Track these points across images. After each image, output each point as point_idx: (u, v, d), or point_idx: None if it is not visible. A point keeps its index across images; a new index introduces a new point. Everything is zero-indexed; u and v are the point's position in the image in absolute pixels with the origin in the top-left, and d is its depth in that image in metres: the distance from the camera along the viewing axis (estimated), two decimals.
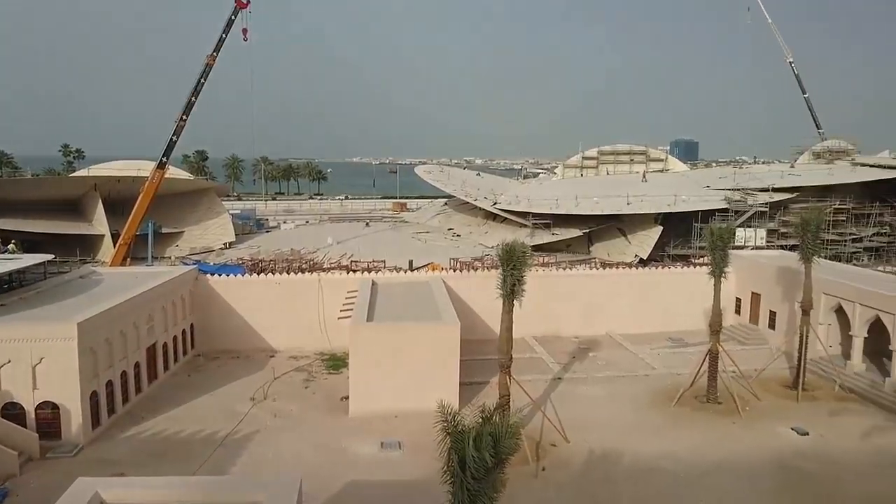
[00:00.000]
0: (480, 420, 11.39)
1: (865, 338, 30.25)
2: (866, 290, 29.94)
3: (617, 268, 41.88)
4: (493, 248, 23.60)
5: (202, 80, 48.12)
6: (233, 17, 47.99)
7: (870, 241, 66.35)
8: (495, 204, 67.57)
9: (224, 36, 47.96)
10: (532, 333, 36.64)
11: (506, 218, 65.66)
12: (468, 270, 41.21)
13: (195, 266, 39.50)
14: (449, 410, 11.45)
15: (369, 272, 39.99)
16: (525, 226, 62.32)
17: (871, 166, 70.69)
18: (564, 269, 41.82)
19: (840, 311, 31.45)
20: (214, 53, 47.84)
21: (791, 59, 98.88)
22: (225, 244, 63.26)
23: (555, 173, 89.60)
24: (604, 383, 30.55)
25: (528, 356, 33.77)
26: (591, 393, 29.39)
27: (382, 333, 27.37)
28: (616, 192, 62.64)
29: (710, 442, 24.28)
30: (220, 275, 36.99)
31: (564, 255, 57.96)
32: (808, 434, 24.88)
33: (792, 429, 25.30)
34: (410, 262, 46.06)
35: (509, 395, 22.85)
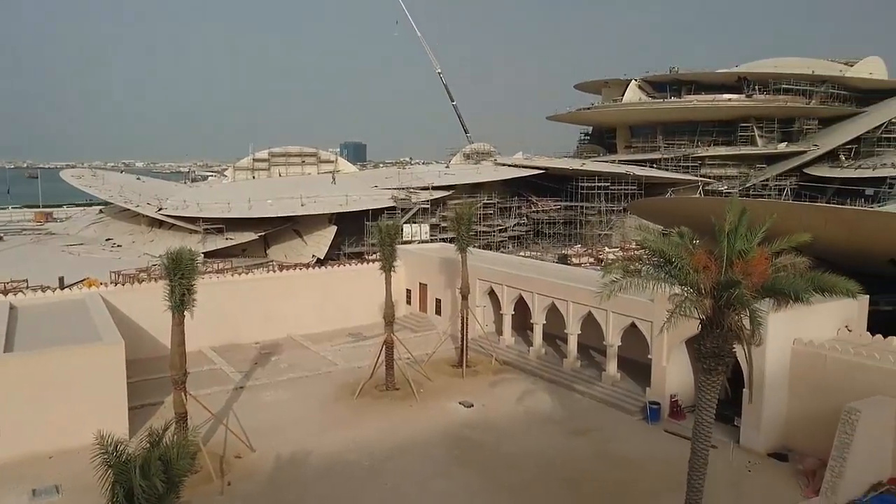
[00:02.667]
0: (148, 445, 10.36)
1: (513, 315, 34.79)
2: (511, 274, 34.48)
3: (295, 269, 41.90)
4: (160, 257, 21.75)
5: None
6: None
7: (513, 230, 76.66)
8: (160, 210, 62.82)
9: None
10: (209, 344, 34.84)
11: (174, 224, 61.45)
12: (133, 283, 37.61)
13: None
14: (108, 440, 10.19)
15: (5, 294, 34.13)
16: (196, 231, 59.00)
17: (510, 165, 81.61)
18: (240, 274, 40.59)
19: (492, 294, 35.63)
20: None
21: (440, 70, 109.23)
22: None
23: (225, 176, 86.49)
24: (288, 386, 30.34)
25: (206, 369, 32.02)
26: (275, 397, 28.95)
27: (26, 364, 23.47)
28: (290, 194, 62.69)
29: (391, 427, 25.58)
30: None
31: (240, 259, 56.30)
32: (472, 406, 27.70)
33: (459, 403, 27.95)
34: (61, 280, 40.38)
35: (186, 413, 21.34)
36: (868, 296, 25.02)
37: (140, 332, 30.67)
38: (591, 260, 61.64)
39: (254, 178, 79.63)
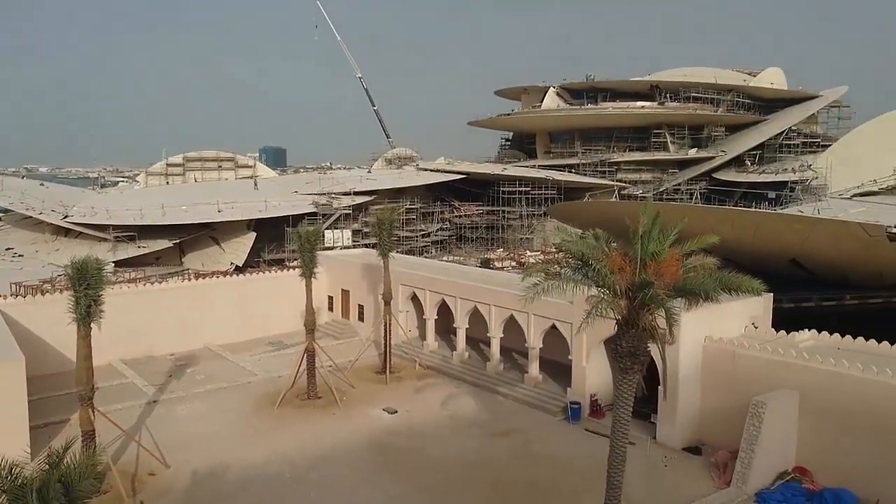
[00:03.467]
0: (47, 466, 9.71)
1: (436, 319, 34.80)
2: (433, 279, 34.51)
3: (212, 277, 40.61)
4: (64, 267, 20.61)
5: None
6: None
7: (436, 235, 76.91)
8: (66, 217, 59.71)
9: None
10: (121, 357, 33.33)
11: (81, 232, 58.51)
12: (35, 295, 35.52)
13: None
14: (2, 462, 9.50)
15: None
16: (105, 240, 56.39)
17: (432, 170, 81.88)
18: (154, 283, 39.03)
19: (415, 299, 35.55)
20: None
21: (359, 75, 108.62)
22: None
23: (137, 181, 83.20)
24: (205, 398, 29.30)
25: (116, 383, 30.55)
26: (191, 410, 27.90)
27: None
28: (206, 200, 60.85)
29: (313, 436, 25.07)
30: None
31: (154, 268, 54.14)
32: (396, 412, 27.50)
33: (383, 409, 27.70)
34: None
35: (93, 430, 20.28)
36: (772, 294, 26.32)
37: (44, 347, 29.00)
38: (513, 263, 62.61)
39: (167, 183, 76.90)
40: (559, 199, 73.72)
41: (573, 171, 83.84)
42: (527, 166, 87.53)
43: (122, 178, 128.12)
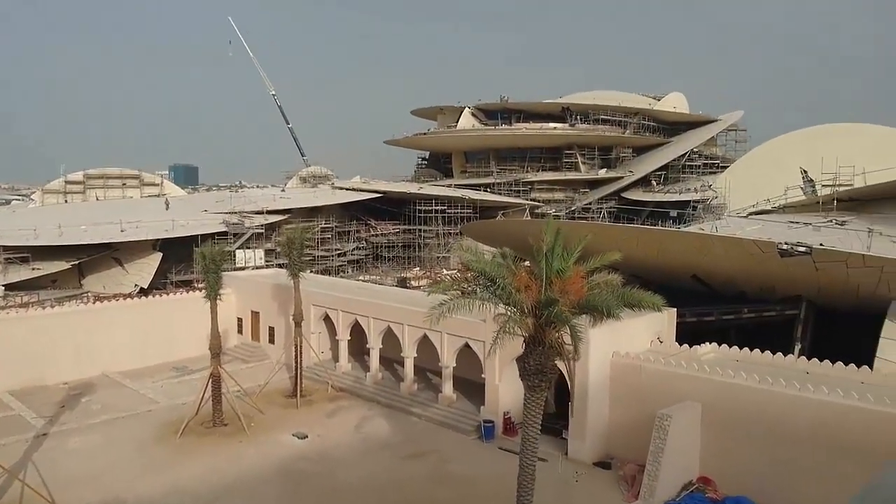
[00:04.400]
0: None
1: (350, 340, 34.16)
2: (345, 298, 33.91)
3: (113, 300, 38.53)
4: None
5: None
6: None
7: (352, 254, 76.04)
8: None
9: None
10: (7, 388, 31.07)
11: None
12: None
13: None
14: None
15: None
16: None
17: (347, 189, 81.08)
18: (47, 307, 36.67)
19: (328, 319, 34.81)
20: None
21: (273, 92, 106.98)
22: None
23: (32, 199, 78.54)
24: (101, 429, 27.55)
25: (1, 416, 28.40)
26: (85, 443, 26.14)
27: None
28: (109, 219, 57.99)
29: (219, 465, 23.95)
30: None
31: (50, 291, 50.96)
32: (306, 437, 26.67)
33: (293, 435, 26.81)
34: None
35: None
36: (675, 309, 27.19)
37: None
38: (430, 282, 62.51)
39: (66, 201, 72.90)
40: (475, 218, 74.35)
41: (488, 190, 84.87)
42: (443, 185, 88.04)
43: (15, 197, 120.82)
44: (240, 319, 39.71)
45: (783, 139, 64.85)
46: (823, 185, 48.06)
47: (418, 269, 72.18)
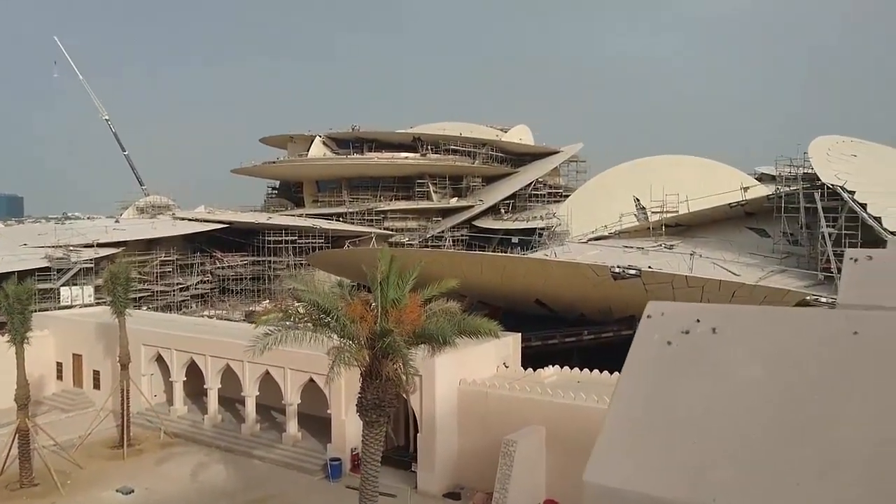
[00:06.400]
0: None
1: (185, 381, 31.72)
2: (179, 336, 31.52)
3: None
4: None
5: None
6: None
7: (196, 288, 71.73)
8: None
9: None
10: None
11: None
12: None
13: None
14: None
15: None
16: None
17: (190, 220, 76.78)
18: None
19: (161, 360, 32.18)
20: None
21: (107, 117, 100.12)
22: None
23: None
24: None
25: None
26: None
27: None
28: None
29: None
30: None
31: None
32: (132, 492, 24.20)
33: (117, 491, 24.22)
34: None
35: None
36: (520, 333, 27.58)
37: None
38: (299, 315, 60.06)
39: None
40: (328, 248, 72.87)
41: (341, 219, 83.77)
42: (294, 215, 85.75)
43: None
44: (59, 364, 35.78)
45: (616, 170, 69.30)
46: (653, 212, 51.58)
47: (268, 301, 69.37)
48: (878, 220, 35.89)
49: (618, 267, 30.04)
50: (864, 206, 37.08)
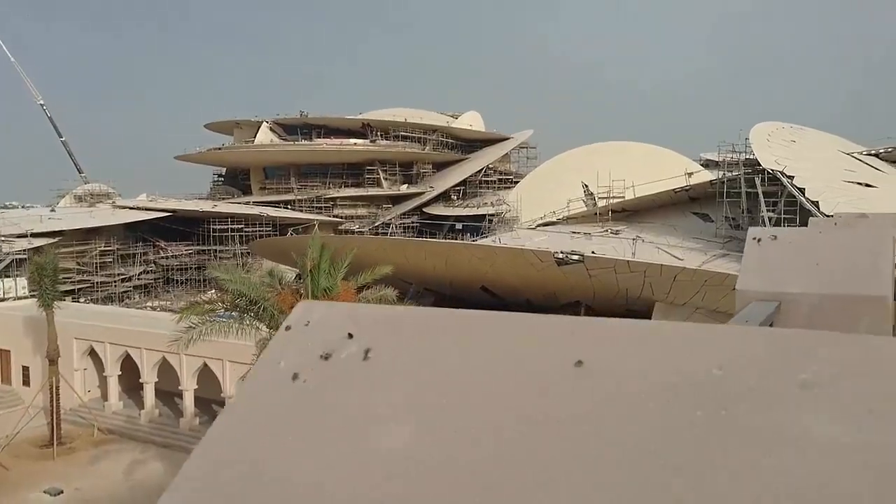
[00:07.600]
0: None
1: (121, 375, 30.65)
2: (114, 329, 30.42)
3: None
4: None
5: None
6: None
7: (139, 279, 69.67)
8: None
9: None
10: None
11: None
12: None
13: None
14: None
15: None
16: None
17: (131, 208, 74.43)
18: None
19: (94, 354, 31.02)
20: None
21: (42, 102, 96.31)
22: None
23: None
24: None
25: None
26: None
27: None
28: None
29: None
30: None
31: None
32: (62, 492, 23.24)
33: (44, 492, 23.23)
34: None
35: None
36: None
37: None
38: (226, 305, 58.85)
39: None
40: (276, 236, 71.57)
41: (289, 207, 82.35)
42: (241, 202, 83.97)
43: None
44: None
45: (564, 156, 69.75)
46: (600, 198, 51.96)
47: (214, 291, 67.81)
48: (815, 203, 36.73)
49: (561, 252, 30.05)
50: (802, 190, 37.92)
